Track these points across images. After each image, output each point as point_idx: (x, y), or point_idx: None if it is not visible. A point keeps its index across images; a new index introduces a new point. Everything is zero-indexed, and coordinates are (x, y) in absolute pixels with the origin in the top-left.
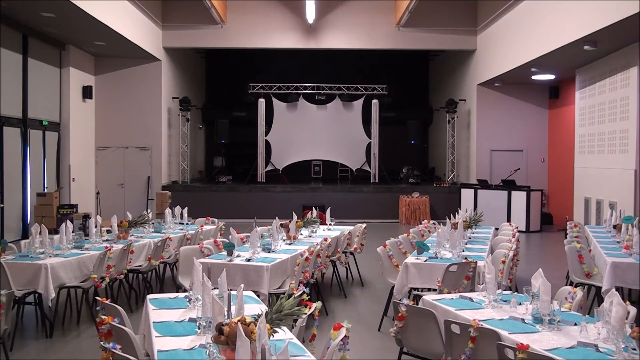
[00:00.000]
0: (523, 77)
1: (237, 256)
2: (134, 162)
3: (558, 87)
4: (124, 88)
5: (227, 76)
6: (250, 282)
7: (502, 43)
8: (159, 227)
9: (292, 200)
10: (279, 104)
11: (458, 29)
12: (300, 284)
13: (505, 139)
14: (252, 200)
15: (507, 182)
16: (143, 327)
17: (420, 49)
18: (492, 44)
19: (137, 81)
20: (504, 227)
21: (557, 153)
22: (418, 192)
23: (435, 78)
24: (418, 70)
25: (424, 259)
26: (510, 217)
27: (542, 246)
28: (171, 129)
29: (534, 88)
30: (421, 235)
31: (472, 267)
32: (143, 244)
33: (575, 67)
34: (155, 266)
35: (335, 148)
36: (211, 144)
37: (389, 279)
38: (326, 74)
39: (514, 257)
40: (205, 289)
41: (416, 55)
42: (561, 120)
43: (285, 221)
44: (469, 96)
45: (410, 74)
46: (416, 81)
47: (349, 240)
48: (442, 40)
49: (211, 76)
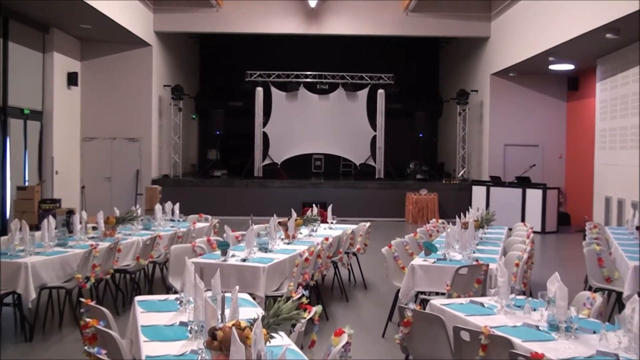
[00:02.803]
0: (540, 67)
1: (232, 256)
2: (122, 154)
3: (577, 78)
4: (112, 75)
5: (223, 63)
6: (245, 284)
7: (518, 30)
8: (149, 224)
9: (291, 196)
10: (278, 93)
11: (470, 15)
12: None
13: (520, 133)
14: (248, 196)
15: (521, 180)
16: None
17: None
18: (507, 31)
19: (126, 68)
20: (518, 227)
21: (576, 149)
22: (426, 189)
23: (446, 67)
24: (427, 59)
25: (431, 261)
26: (525, 216)
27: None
28: (162, 119)
29: (551, 79)
30: (429, 236)
31: (484, 270)
32: (131, 242)
33: (596, 57)
34: (144, 266)
35: (337, 141)
36: (205, 136)
37: (394, 281)
38: (329, 62)
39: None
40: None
41: (425, 42)
42: (580, 114)
43: (283, 219)
44: (481, 87)
45: (419, 62)
46: (425, 70)
47: (351, 240)
48: (454, 26)
49: (205, 63)
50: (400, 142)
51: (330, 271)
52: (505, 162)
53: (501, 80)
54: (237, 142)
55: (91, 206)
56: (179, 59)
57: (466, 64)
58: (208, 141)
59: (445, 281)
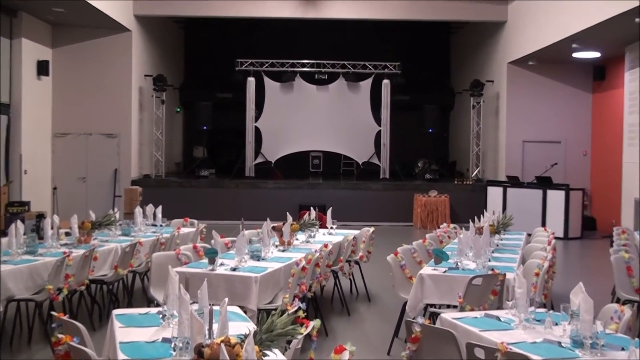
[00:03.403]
0: (562, 55)
1: (221, 265)
2: (98, 151)
3: (604, 66)
4: (87, 63)
5: (211, 51)
6: (235, 296)
7: (538, 14)
8: (128, 230)
9: (286, 198)
10: (272, 84)
11: None
12: (295, 299)
13: (540, 128)
14: (238, 198)
15: (542, 180)
16: (107, 348)
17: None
18: (526, 14)
19: (103, 56)
20: (538, 232)
21: (602, 145)
22: (436, 190)
23: (458, 55)
24: (437, 46)
25: (442, 270)
26: (546, 221)
27: (584, 256)
28: (143, 113)
29: (575, 68)
30: (439, 242)
31: (500, 280)
32: (108, 250)
33: (624, 44)
34: (123, 276)
35: (338, 137)
36: (191, 131)
37: (401, 293)
38: (328, 49)
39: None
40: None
41: (435, 28)
42: (607, 107)
43: (278, 223)
44: (497, 77)
45: (428, 50)
46: (435, 59)
47: (353, 247)
48: (466, 9)
49: (191, 51)
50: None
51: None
52: (523, 161)
53: (519, 69)
54: (227, 138)
55: (64, 209)
56: (162, 46)
57: (480, 52)
58: (194, 137)
59: (458, 292)
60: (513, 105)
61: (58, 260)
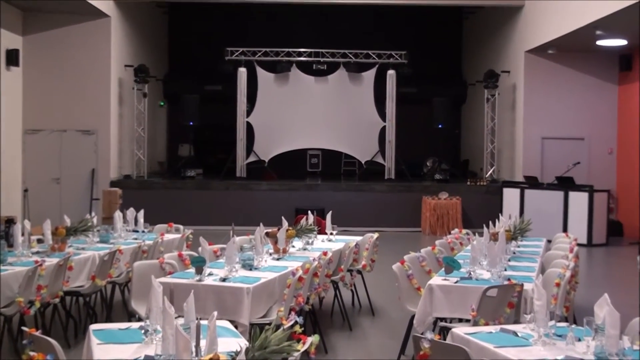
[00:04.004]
0: (585, 43)
1: (209, 275)
2: (73, 150)
3: (631, 56)
4: (61, 53)
5: (197, 38)
6: (225, 309)
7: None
8: (106, 236)
9: (281, 201)
10: (265, 74)
11: None
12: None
13: (561, 124)
14: (228, 201)
15: (563, 180)
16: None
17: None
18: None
19: (79, 44)
20: (559, 238)
21: (630, 142)
22: (446, 192)
23: (471, 43)
24: (448, 33)
25: (453, 280)
26: (567, 225)
27: (609, 264)
28: (123, 107)
29: (599, 57)
30: (450, 249)
31: (517, 292)
32: (85, 258)
33: None
34: (101, 287)
35: (338, 134)
36: (176, 127)
37: (408, 305)
38: (327, 37)
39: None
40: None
41: (446, 13)
42: (635, 100)
43: (272, 229)
44: (514, 67)
45: (438, 37)
46: (445, 47)
47: (355, 255)
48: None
49: (176, 38)
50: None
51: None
52: (543, 159)
53: (538, 58)
54: (215, 135)
55: (36, 214)
56: (144, 34)
57: (495, 39)
58: (179, 134)
59: (471, 305)
60: (531, 98)
61: (29, 270)
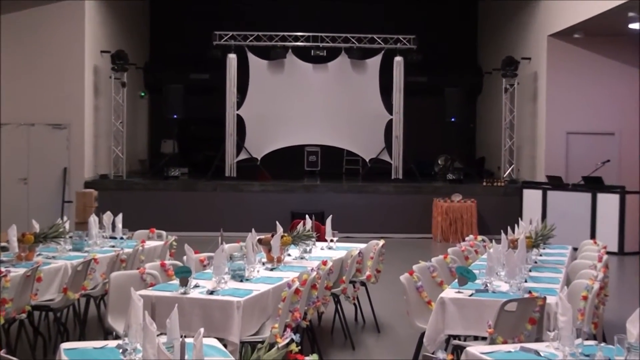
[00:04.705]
0: (616, 26)
1: (195, 287)
2: (43, 146)
3: None
4: (29, 38)
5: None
6: (213, 326)
7: None
8: (80, 244)
9: (275, 204)
10: (258, 61)
11: None
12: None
13: (588, 117)
14: (217, 203)
15: (590, 181)
16: None
17: None
18: None
19: (49, 28)
20: (586, 246)
21: None
22: (460, 193)
23: (487, 27)
24: (462, 16)
25: (468, 293)
26: (596, 231)
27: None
28: (99, 99)
29: (631, 42)
30: (465, 258)
31: (539, 306)
32: (56, 269)
33: None
34: (74, 301)
35: (339, 128)
36: (158, 121)
37: (417, 321)
38: (327, 19)
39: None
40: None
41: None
42: None
43: (265, 235)
44: (535, 53)
45: (450, 20)
46: (459, 31)
47: (359, 265)
48: None
49: (158, 21)
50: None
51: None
52: (568, 157)
53: (563, 44)
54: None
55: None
56: (123, 16)
57: (515, 22)
58: (162, 128)
59: (487, 321)
60: (555, 88)
61: None
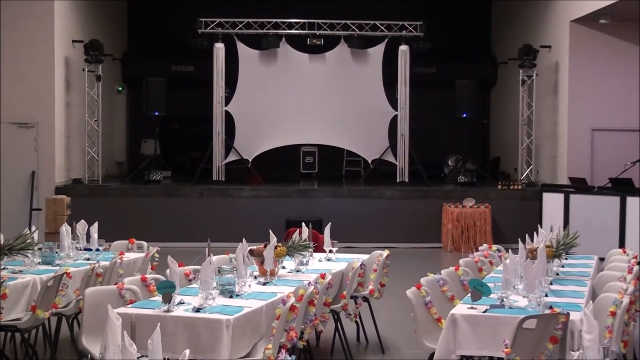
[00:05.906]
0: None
1: (180, 303)
2: (8, 147)
3: None
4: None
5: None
6: (200, 346)
7: None
8: (51, 256)
9: (268, 211)
10: (248, 52)
11: None
12: (281, 350)
13: (616, 112)
14: (204, 211)
15: (618, 183)
16: None
17: None
18: None
19: (15, 15)
20: (614, 256)
21: None
22: (473, 198)
23: (502, 12)
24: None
25: (482, 309)
26: (625, 239)
27: None
28: (71, 94)
29: None
30: (478, 270)
31: (562, 322)
32: (23, 284)
33: None
34: (44, 320)
35: (339, 126)
36: (137, 119)
37: (426, 341)
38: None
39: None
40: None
41: None
42: None
43: (258, 246)
44: (556, 41)
45: (462, 4)
46: (471, 17)
47: (361, 278)
48: None
49: (137, 7)
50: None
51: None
52: (593, 157)
53: (587, 30)
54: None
55: None
56: (97, 1)
57: (533, 7)
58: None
59: (504, 340)
60: (578, 80)
61: None
